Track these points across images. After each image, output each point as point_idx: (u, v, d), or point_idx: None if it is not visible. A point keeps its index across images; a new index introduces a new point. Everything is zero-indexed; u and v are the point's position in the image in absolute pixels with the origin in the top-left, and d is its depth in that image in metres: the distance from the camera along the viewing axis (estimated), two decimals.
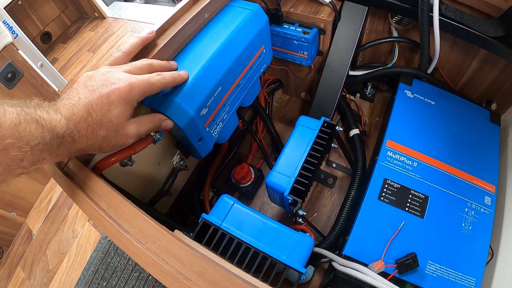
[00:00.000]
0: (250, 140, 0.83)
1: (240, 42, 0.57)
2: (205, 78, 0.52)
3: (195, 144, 0.54)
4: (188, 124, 0.50)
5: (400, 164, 0.65)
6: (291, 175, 0.56)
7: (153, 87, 0.43)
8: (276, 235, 0.49)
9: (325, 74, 0.70)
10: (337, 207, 0.72)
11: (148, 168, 0.57)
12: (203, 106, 0.52)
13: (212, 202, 0.71)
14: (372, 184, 0.62)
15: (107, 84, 0.39)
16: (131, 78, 0.41)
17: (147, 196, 0.59)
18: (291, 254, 0.48)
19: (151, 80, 0.43)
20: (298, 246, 0.48)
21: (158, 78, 0.44)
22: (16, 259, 0.98)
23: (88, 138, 0.37)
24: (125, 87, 0.39)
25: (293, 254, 0.48)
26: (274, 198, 0.61)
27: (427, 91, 0.74)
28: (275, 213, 0.72)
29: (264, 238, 0.48)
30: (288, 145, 0.60)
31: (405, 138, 0.67)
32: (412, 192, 0.62)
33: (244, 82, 0.61)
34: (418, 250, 0.56)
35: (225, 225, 0.49)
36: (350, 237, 0.58)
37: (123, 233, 0.31)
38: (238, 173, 0.70)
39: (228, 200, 0.51)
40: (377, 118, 0.83)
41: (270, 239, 0.48)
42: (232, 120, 0.62)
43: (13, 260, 0.99)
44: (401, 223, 0.59)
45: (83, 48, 1.68)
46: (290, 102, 0.90)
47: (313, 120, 0.62)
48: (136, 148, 0.47)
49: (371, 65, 0.80)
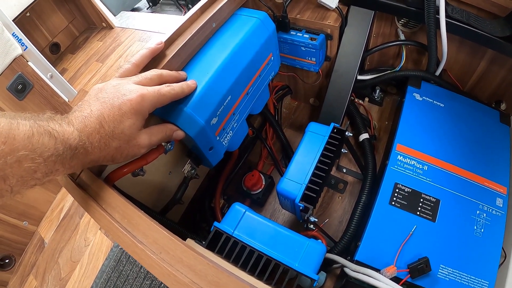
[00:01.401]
0: (260, 147, 0.83)
1: (248, 50, 0.58)
2: (214, 87, 0.52)
3: (205, 153, 0.55)
4: (198, 134, 0.51)
5: (411, 168, 0.64)
6: (302, 182, 0.56)
7: (163, 98, 0.44)
8: (288, 242, 0.49)
9: (334, 79, 0.70)
10: (348, 212, 0.72)
11: (159, 178, 0.58)
12: (213, 115, 0.52)
13: (223, 209, 0.71)
14: (383, 188, 0.62)
15: (118, 95, 0.39)
16: (142, 89, 0.41)
17: (159, 205, 0.59)
18: (304, 261, 0.47)
19: (162, 91, 0.43)
20: (310, 253, 0.48)
21: (168, 89, 0.44)
22: (29, 267, 1.00)
23: (101, 150, 0.38)
24: (136, 98, 0.40)
25: (305, 261, 0.47)
26: (285, 205, 0.61)
27: (436, 93, 0.74)
28: (286, 219, 0.72)
29: (276, 246, 0.48)
30: (298, 152, 0.60)
31: (415, 141, 0.67)
32: (423, 196, 0.61)
33: (253, 90, 0.61)
34: (430, 254, 0.55)
35: (237, 233, 0.49)
36: (361, 242, 0.58)
37: (137, 244, 0.31)
38: (249, 180, 0.70)
39: (239, 208, 0.51)
40: (386, 121, 0.82)
41: (282, 246, 0.48)
42: (242, 128, 0.62)
43: (26, 268, 1.00)
44: (412, 227, 0.58)
45: (92, 58, 1.71)
46: (299, 108, 0.90)
47: (323, 126, 0.62)
48: (148, 158, 0.47)
49: (379, 69, 0.80)
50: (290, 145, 0.79)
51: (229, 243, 0.48)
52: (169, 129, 0.47)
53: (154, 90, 0.42)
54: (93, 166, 0.43)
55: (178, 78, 0.50)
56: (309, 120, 0.86)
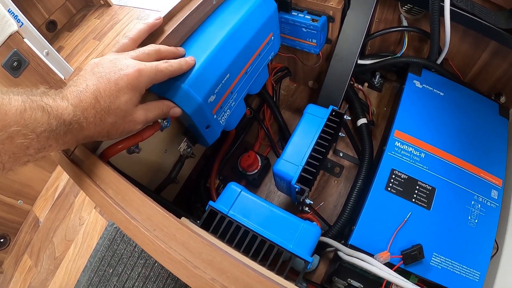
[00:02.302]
0: (257, 128, 0.81)
1: (248, 29, 0.55)
2: (213, 65, 0.50)
3: (202, 131, 0.53)
4: (195, 111, 0.49)
5: (408, 155, 0.63)
6: (299, 164, 0.55)
7: (161, 74, 0.42)
8: (283, 223, 0.48)
9: (334, 63, 0.68)
10: (343, 196, 0.71)
11: (155, 156, 0.56)
12: (211, 93, 0.50)
13: (218, 189, 0.69)
14: (380, 174, 0.61)
15: (115, 70, 0.38)
16: (139, 64, 0.40)
17: (153, 183, 0.58)
18: (298, 243, 0.46)
19: (159, 67, 0.42)
20: (305, 235, 0.47)
21: (165, 65, 0.43)
22: (23, 246, 0.98)
23: (96, 125, 0.36)
24: (133, 73, 0.38)
25: (300, 243, 0.46)
26: (281, 186, 0.59)
27: (436, 82, 0.72)
28: (282, 201, 0.71)
29: (271, 226, 0.47)
30: (296, 133, 0.58)
31: (413, 128, 0.66)
32: (419, 183, 0.61)
33: (252, 70, 0.59)
34: (424, 242, 0.55)
35: (232, 213, 0.48)
36: (356, 227, 0.57)
37: (130, 220, 0.29)
38: (245, 161, 0.69)
39: (235, 188, 0.50)
40: (385, 108, 0.80)
41: (277, 227, 0.47)
42: (240, 107, 0.60)
43: (20, 247, 0.98)
44: (407, 214, 0.58)
45: (89, 36, 1.65)
46: (297, 90, 0.88)
47: (321, 109, 0.61)
48: (144, 135, 0.45)
49: (380, 54, 0.78)
50: (288, 127, 0.77)
51: (223, 223, 0.47)
52: (165, 105, 0.45)
53: (151, 65, 0.41)
54: (88, 142, 0.41)
55: (176, 54, 0.48)
56: (307, 103, 0.84)
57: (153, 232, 0.29)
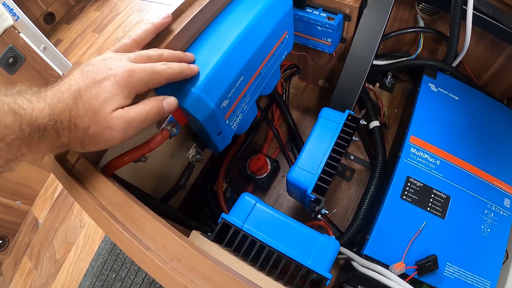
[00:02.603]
0: (266, 128, 0.76)
1: (263, 27, 0.51)
2: (226, 67, 0.46)
3: (213, 138, 0.48)
4: (208, 118, 0.44)
5: (423, 162, 0.60)
6: (315, 172, 0.51)
7: (157, 76, 0.36)
8: (300, 237, 0.44)
9: (349, 63, 0.64)
10: (354, 201, 0.67)
11: (161, 162, 0.51)
12: (224, 97, 0.46)
13: (226, 193, 0.65)
14: (395, 182, 0.57)
15: (103, 70, 0.33)
16: (132, 65, 0.34)
17: (159, 191, 0.53)
18: (317, 259, 0.43)
19: (156, 68, 0.36)
20: (323, 250, 0.43)
21: (163, 67, 0.37)
22: (23, 248, 0.93)
23: (70, 131, 0.31)
24: (123, 73, 0.33)
25: (318, 258, 0.43)
26: (294, 194, 0.55)
27: (451, 85, 0.69)
28: (291, 206, 0.67)
29: (288, 241, 0.43)
30: (311, 139, 0.54)
31: (428, 134, 0.62)
32: (434, 191, 0.58)
33: (266, 70, 0.55)
34: (438, 252, 0.52)
35: (247, 226, 0.43)
36: (371, 236, 0.54)
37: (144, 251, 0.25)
38: (254, 164, 0.64)
39: (249, 199, 0.46)
40: (396, 109, 0.76)
41: (294, 241, 0.43)
42: (252, 110, 0.56)
43: (19, 249, 0.94)
44: (422, 223, 0.55)
45: (88, 28, 1.57)
46: (307, 89, 0.83)
47: (337, 113, 0.57)
48: (152, 145, 0.41)
49: (393, 54, 0.74)
50: (298, 128, 0.73)
51: (238, 237, 0.43)
52: (154, 101, 0.36)
53: (146, 66, 0.35)
54: (91, 153, 0.36)
55: (183, 59, 0.42)
56: (317, 103, 0.80)
57: (170, 263, 0.25)
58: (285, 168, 0.70)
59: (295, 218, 0.45)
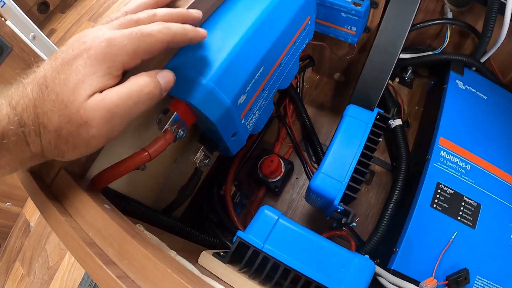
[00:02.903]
0: (277, 126, 0.68)
1: (286, 9, 0.43)
2: (244, 54, 0.37)
3: (226, 140, 0.40)
4: (222, 117, 0.36)
5: (454, 167, 0.53)
6: (342, 179, 0.43)
7: (149, 40, 0.25)
8: (331, 258, 0.37)
9: (373, 55, 0.56)
10: (374, 206, 0.60)
11: (162, 168, 0.43)
12: (241, 92, 0.38)
13: (235, 198, 0.57)
14: (425, 188, 0.51)
15: (76, 46, 0.24)
16: (113, 32, 0.25)
17: (161, 202, 0.45)
18: (350, 284, 0.36)
19: (145, 29, 0.25)
20: (358, 274, 0.36)
21: (158, 27, 0.26)
22: (14, 253, 0.85)
23: (39, 135, 0.22)
24: (99, 44, 0.23)
25: (352, 284, 0.36)
26: (315, 202, 0.48)
27: (478, 83, 0.62)
28: (306, 211, 0.59)
29: (316, 263, 0.36)
30: (336, 140, 0.46)
31: (458, 136, 0.56)
32: (465, 199, 0.52)
33: (286, 61, 0.47)
34: (467, 264, 0.47)
35: (268, 247, 0.36)
36: (400, 249, 0.48)
37: None
38: (267, 167, 0.56)
39: (271, 214, 0.38)
40: (416, 106, 0.69)
41: (324, 263, 0.37)
42: (269, 107, 0.48)
43: (11, 253, 0.85)
44: (453, 234, 0.49)
45: (84, 17, 1.45)
46: (321, 83, 0.74)
47: (364, 111, 0.49)
48: (152, 152, 0.32)
49: (415, 48, 0.66)
50: (313, 125, 0.65)
51: (257, 259, 0.35)
52: (145, 75, 0.26)
53: (131, 30, 0.25)
54: (72, 165, 0.28)
55: (185, 18, 0.30)
56: (333, 98, 0.73)
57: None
58: (299, 170, 0.62)
59: (311, 226, 0.38)
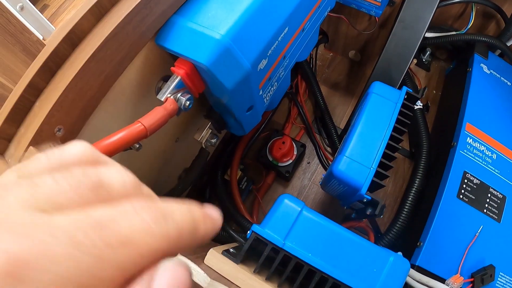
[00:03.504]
0: (288, 105, 0.59)
1: None
2: (269, 9, 0.29)
3: (240, 115, 0.32)
4: (239, 84, 0.29)
5: (480, 155, 0.47)
6: (370, 165, 0.36)
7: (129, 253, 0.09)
8: (362, 257, 0.30)
9: (397, 31, 0.48)
10: (391, 195, 0.54)
11: (161, 147, 0.35)
12: (263, 55, 0.30)
13: (241, 183, 0.49)
14: (451, 177, 0.44)
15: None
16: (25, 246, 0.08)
17: (160, 189, 0.37)
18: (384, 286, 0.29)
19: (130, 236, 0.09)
20: (392, 275, 0.30)
21: (155, 228, 0.10)
22: None
23: None
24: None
25: (386, 286, 0.29)
26: (334, 190, 0.41)
27: (503, 68, 0.56)
28: (318, 199, 0.52)
29: (345, 262, 0.29)
30: (362, 120, 0.39)
31: (484, 123, 0.50)
32: (491, 190, 0.47)
33: (309, 27, 0.38)
34: (493, 260, 0.42)
35: (290, 244, 0.28)
36: (425, 243, 0.41)
37: None
38: (278, 149, 0.48)
39: (292, 205, 0.30)
40: (434, 90, 0.62)
41: (354, 263, 0.30)
42: (287, 79, 0.40)
43: None
44: (478, 228, 0.44)
45: None
46: (334, 60, 0.66)
47: (392, 89, 0.42)
48: (150, 126, 0.25)
49: (437, 27, 0.58)
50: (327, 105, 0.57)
51: (277, 258, 0.28)
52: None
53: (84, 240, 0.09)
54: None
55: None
56: (347, 77, 0.65)
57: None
58: (310, 154, 0.54)
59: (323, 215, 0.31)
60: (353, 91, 0.61)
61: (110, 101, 0.28)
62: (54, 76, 0.26)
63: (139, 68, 0.30)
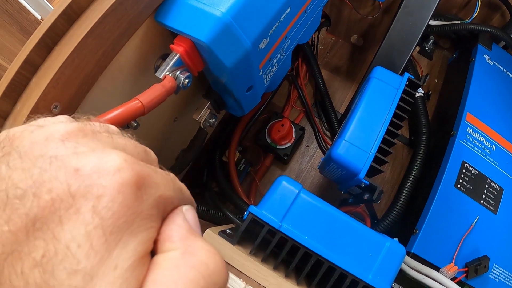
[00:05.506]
0: (287, 88, 0.58)
1: None
2: None
3: (240, 95, 0.32)
4: (239, 63, 0.28)
5: (479, 146, 0.47)
6: (369, 150, 0.35)
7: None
8: (358, 242, 0.30)
9: (401, 17, 0.47)
10: (388, 182, 0.53)
11: (159, 128, 0.34)
12: (264, 35, 0.29)
13: (238, 165, 0.49)
14: (450, 166, 0.44)
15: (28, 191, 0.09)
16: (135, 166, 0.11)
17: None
18: (379, 272, 0.29)
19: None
20: (388, 261, 0.30)
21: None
22: None
23: None
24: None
25: (381, 271, 0.29)
26: (332, 174, 0.40)
27: (506, 60, 0.55)
28: (316, 183, 0.51)
29: (342, 246, 0.29)
30: (362, 105, 0.38)
31: (485, 114, 0.49)
32: (488, 181, 0.46)
33: (312, 8, 0.37)
34: (487, 251, 0.42)
35: (286, 226, 0.28)
36: (421, 231, 0.41)
37: None
38: (277, 132, 0.48)
39: (290, 187, 0.30)
40: (436, 79, 0.61)
41: (350, 247, 0.29)
42: (287, 61, 0.39)
43: None
44: (474, 218, 0.44)
45: None
46: (336, 45, 0.64)
47: (394, 75, 0.41)
48: (148, 103, 0.24)
49: (441, 16, 0.57)
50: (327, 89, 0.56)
51: (273, 240, 0.28)
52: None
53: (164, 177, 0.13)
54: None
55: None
56: (348, 62, 0.63)
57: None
58: (309, 137, 0.54)
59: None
60: (354, 76, 0.60)
61: (108, 78, 0.27)
62: (50, 53, 0.25)
63: (138, 46, 0.29)
